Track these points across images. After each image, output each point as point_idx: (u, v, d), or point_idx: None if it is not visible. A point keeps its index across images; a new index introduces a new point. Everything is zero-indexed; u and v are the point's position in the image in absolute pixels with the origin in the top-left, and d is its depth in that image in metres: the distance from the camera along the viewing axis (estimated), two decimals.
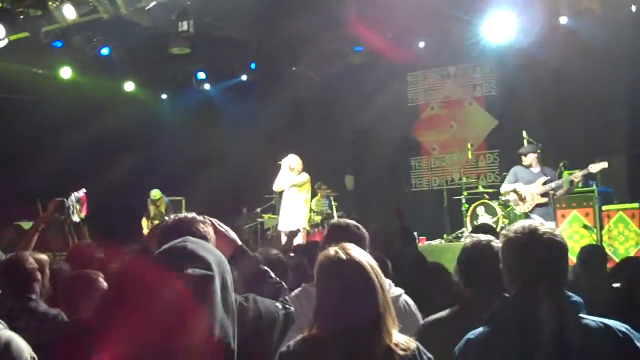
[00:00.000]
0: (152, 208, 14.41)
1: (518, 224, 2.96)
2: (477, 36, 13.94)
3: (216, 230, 3.18)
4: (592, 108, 13.06)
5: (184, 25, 11.37)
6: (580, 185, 12.24)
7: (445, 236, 13.47)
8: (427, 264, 6.05)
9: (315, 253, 4.05)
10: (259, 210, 14.79)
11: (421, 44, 14.82)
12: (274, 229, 13.52)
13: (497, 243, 3.50)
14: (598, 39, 12.63)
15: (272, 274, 3.27)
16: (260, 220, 14.88)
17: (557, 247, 2.85)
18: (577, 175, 10.47)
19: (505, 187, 11.09)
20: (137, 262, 2.36)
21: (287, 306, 3.10)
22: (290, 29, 13.36)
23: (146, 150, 15.74)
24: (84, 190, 12.80)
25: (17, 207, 12.66)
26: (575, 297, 2.85)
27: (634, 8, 12.25)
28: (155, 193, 14.38)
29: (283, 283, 3.27)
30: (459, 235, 13.17)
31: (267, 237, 14.43)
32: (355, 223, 4.32)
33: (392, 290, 4.06)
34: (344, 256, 2.88)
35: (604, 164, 10.40)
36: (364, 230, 4.26)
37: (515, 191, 11.14)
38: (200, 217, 3.11)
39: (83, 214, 13.00)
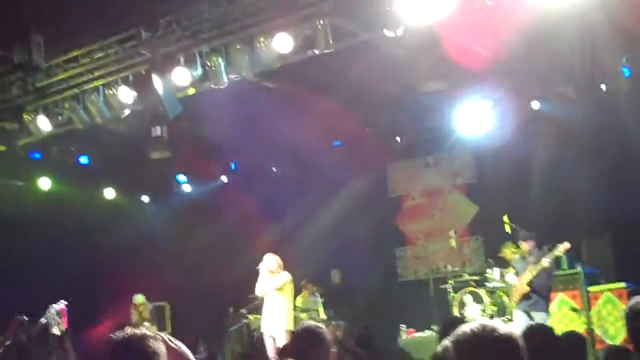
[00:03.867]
0: (134, 314, 14.17)
1: (467, 325, 2.84)
2: (454, 126, 14.15)
3: (168, 347, 3.11)
4: (571, 189, 13.09)
5: (157, 131, 11.45)
6: (565, 267, 12.28)
7: (433, 327, 13.26)
8: None
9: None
10: (244, 310, 14.59)
11: (398, 135, 15.05)
12: (259, 330, 13.32)
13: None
14: (572, 121, 12.84)
15: None
16: (246, 320, 14.65)
17: (507, 345, 2.71)
18: (546, 263, 10.45)
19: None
20: None
21: None
22: (268, 126, 13.52)
23: (129, 256, 15.62)
24: (64, 302, 12.68)
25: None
26: None
27: (604, 87, 12.51)
28: (138, 298, 14.19)
29: None
30: None
31: (253, 339, 14.20)
32: (318, 327, 4.29)
33: None
34: None
35: (567, 245, 10.43)
36: (326, 334, 4.23)
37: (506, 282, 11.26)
38: (151, 333, 3.05)
39: (64, 327, 12.83)
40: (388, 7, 8.41)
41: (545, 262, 10.41)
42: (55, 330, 12.76)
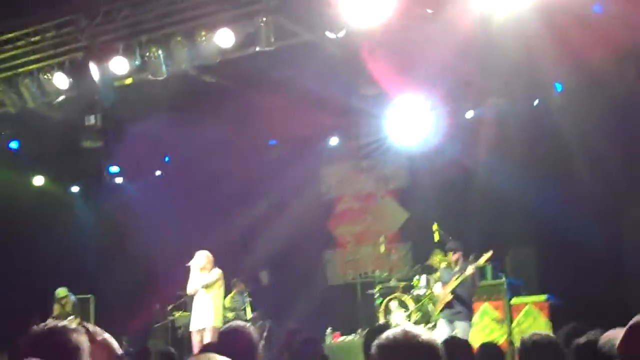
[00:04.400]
0: (56, 307, 13.81)
1: (390, 330, 2.89)
2: (388, 130, 14.31)
3: (92, 339, 3.01)
4: (500, 200, 13.33)
5: (91, 120, 11.27)
6: (489, 277, 12.51)
7: (359, 331, 13.34)
8: None
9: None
10: (170, 307, 14.45)
11: (334, 138, 15.17)
12: (184, 328, 13.20)
13: None
14: (505, 132, 13.10)
15: None
16: (171, 318, 14.52)
17: (428, 351, 2.76)
18: (470, 271, 10.61)
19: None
20: None
21: None
22: (204, 121, 13.43)
23: (55, 246, 15.33)
24: None
25: None
26: None
27: (536, 102, 12.82)
28: (60, 291, 13.82)
29: None
30: None
31: (177, 337, 14.08)
32: (245, 327, 4.31)
33: None
34: None
35: (489, 254, 10.61)
36: (252, 334, 4.26)
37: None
38: (72, 326, 2.94)
39: None
40: (330, 8, 8.49)
41: (469, 270, 10.57)
42: None
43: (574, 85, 11.91)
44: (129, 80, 10.54)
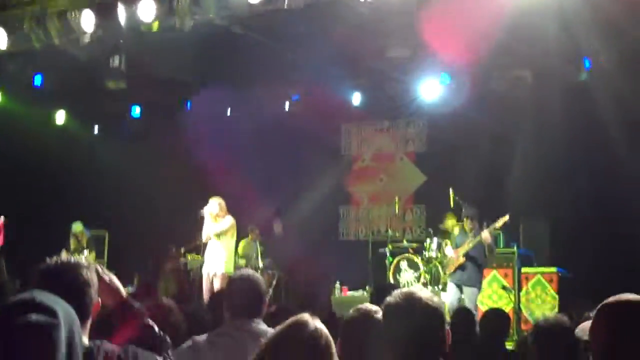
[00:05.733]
0: (72, 241, 14.09)
1: (397, 291, 2.93)
2: (412, 93, 14.26)
3: (100, 278, 3.10)
4: (516, 171, 13.33)
5: (115, 61, 11.28)
6: (501, 245, 12.53)
7: (367, 288, 13.49)
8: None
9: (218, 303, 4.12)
10: (183, 250, 14.62)
11: (357, 97, 15.11)
12: (196, 270, 13.37)
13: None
14: (526, 104, 13.02)
15: (157, 328, 3.22)
16: (183, 260, 14.70)
17: (430, 314, 2.82)
18: (486, 235, 10.56)
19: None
20: None
21: None
22: (228, 71, 13.41)
23: (74, 183, 15.51)
24: (2, 218, 12.56)
25: None
26: None
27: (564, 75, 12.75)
28: (77, 226, 14.08)
29: (167, 338, 3.23)
30: None
31: (189, 279, 14.27)
32: (254, 275, 4.40)
33: None
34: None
35: (505, 218, 10.58)
36: (260, 282, 4.35)
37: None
38: (84, 262, 3.03)
39: None
40: None
41: (484, 234, 10.53)
42: None
43: (605, 61, 11.74)
44: (155, 26, 10.49)
